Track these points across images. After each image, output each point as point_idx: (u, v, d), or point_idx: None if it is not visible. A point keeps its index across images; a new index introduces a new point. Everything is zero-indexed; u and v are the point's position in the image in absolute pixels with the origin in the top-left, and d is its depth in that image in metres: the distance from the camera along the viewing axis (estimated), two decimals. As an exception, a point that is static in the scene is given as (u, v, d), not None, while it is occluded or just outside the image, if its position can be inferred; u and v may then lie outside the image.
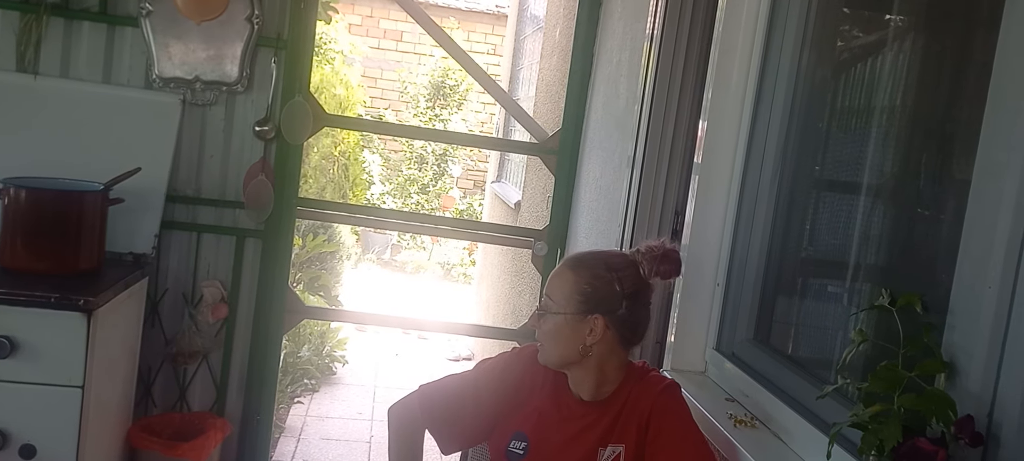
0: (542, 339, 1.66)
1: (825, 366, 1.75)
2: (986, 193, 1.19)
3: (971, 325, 1.18)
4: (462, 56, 3.46)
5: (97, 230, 2.48)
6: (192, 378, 3.02)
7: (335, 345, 5.24)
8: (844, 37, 1.94)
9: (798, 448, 1.64)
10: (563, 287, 1.63)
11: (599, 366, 1.63)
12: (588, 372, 1.63)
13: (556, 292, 1.63)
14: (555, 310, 1.62)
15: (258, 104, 2.94)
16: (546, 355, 1.66)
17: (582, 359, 1.62)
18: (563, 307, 1.61)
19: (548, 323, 1.64)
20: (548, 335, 1.64)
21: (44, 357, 2.22)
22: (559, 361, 1.65)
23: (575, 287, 1.61)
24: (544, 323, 1.65)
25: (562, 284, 1.63)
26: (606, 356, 1.62)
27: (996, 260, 1.15)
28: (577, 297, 1.61)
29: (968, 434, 1.10)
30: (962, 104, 1.42)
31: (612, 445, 1.60)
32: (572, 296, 1.61)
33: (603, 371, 1.63)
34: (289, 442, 4.16)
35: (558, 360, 1.65)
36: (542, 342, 1.66)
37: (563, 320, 1.61)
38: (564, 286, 1.63)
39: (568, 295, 1.61)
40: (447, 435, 1.74)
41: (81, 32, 2.82)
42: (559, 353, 1.63)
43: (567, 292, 1.62)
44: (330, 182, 5.97)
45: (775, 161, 2.00)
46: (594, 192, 2.93)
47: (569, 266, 1.66)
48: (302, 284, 5.06)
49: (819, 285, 1.97)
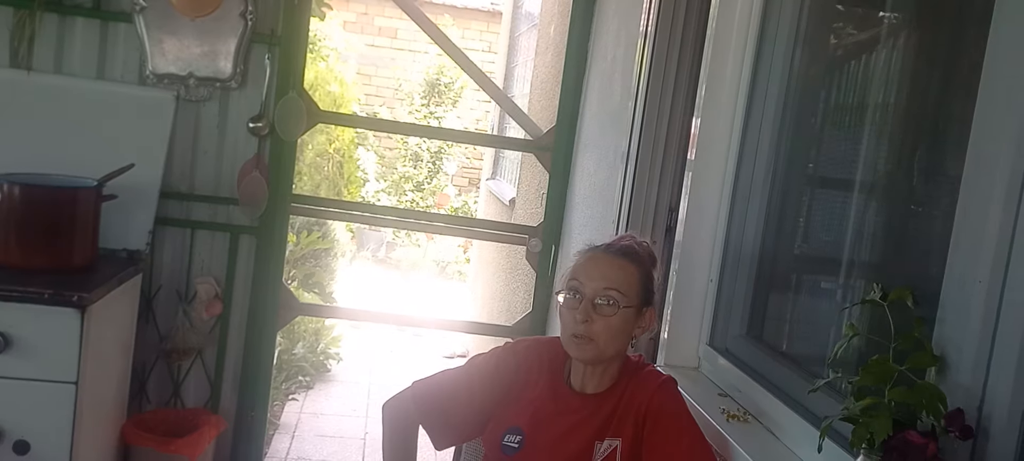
0: (599, 334, 1.58)
1: (818, 361, 1.75)
2: (976, 187, 1.19)
3: (961, 319, 1.19)
4: (457, 53, 3.46)
5: (91, 226, 2.47)
6: (186, 375, 3.02)
7: (330, 342, 5.24)
8: (837, 34, 1.95)
9: (790, 442, 1.64)
10: (629, 280, 1.60)
11: (621, 358, 1.65)
12: (611, 364, 1.64)
13: (624, 284, 1.59)
14: (626, 304, 1.59)
15: (252, 100, 2.93)
16: (600, 351, 1.59)
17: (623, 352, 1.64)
18: (632, 300, 1.60)
19: (619, 318, 1.59)
20: (611, 330, 1.58)
21: (38, 353, 2.22)
22: (614, 354, 1.62)
23: (639, 280, 1.62)
24: (615, 318, 1.58)
25: (627, 277, 1.61)
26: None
27: (986, 254, 1.15)
28: (640, 290, 1.61)
29: (958, 427, 1.11)
30: (954, 100, 1.43)
31: (609, 439, 1.60)
32: (638, 289, 1.61)
33: (617, 355, 1.64)
34: (284, 439, 4.16)
35: (613, 355, 1.62)
36: (597, 338, 1.58)
37: (632, 313, 1.61)
38: (630, 279, 1.61)
39: (635, 288, 1.61)
40: (440, 430, 1.73)
41: (75, 28, 2.82)
42: (616, 348, 1.61)
43: (634, 285, 1.61)
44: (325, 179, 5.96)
45: (768, 157, 2.01)
46: (588, 189, 2.94)
47: (627, 258, 1.63)
48: (297, 281, 5.06)
49: (812, 280, 1.97)
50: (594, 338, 1.58)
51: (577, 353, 1.62)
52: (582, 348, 1.60)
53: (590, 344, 1.59)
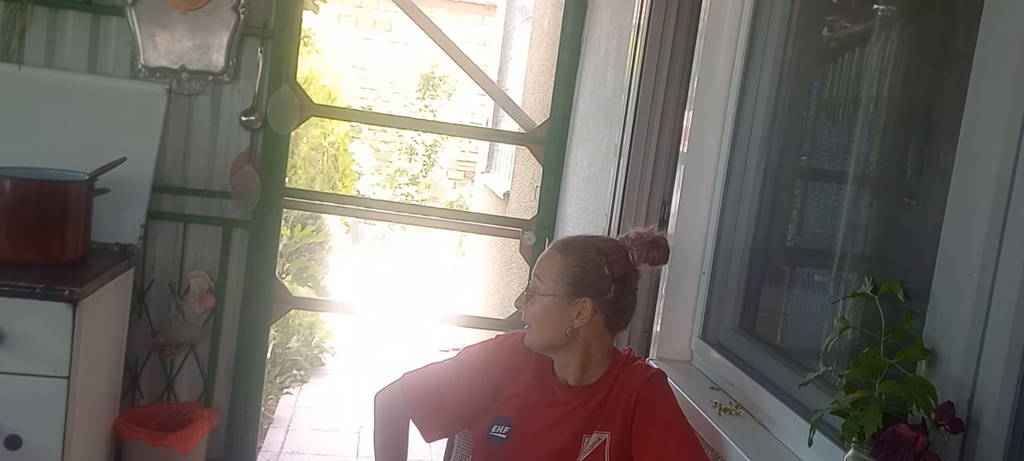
0: (529, 320, 1.65)
1: (810, 354, 1.75)
2: (967, 181, 1.19)
3: (952, 312, 1.19)
4: (451, 47, 3.45)
5: (82, 220, 2.47)
6: (179, 369, 3.02)
7: (324, 336, 5.23)
8: (829, 26, 1.95)
9: (782, 435, 1.65)
10: (552, 269, 1.63)
11: (585, 349, 1.64)
12: (573, 355, 1.64)
13: (545, 274, 1.64)
14: (544, 292, 1.62)
15: (245, 94, 2.93)
16: (533, 337, 1.66)
17: (568, 342, 1.62)
18: (552, 289, 1.61)
19: (536, 304, 1.63)
20: (536, 317, 1.64)
21: (29, 348, 2.21)
22: (545, 344, 1.65)
23: (564, 269, 1.61)
24: (532, 305, 1.64)
25: (551, 266, 1.63)
26: (592, 340, 1.63)
27: (976, 247, 1.15)
28: (566, 279, 1.61)
29: (948, 420, 1.11)
30: (946, 93, 1.42)
31: (597, 432, 1.60)
32: (561, 278, 1.61)
33: (589, 354, 1.64)
34: (278, 433, 4.15)
35: (544, 343, 1.65)
36: (529, 324, 1.66)
37: (551, 302, 1.61)
38: (553, 268, 1.63)
39: (557, 277, 1.62)
40: (429, 422, 1.74)
41: (66, 22, 2.81)
42: (546, 335, 1.64)
43: (556, 274, 1.62)
44: (320, 173, 5.95)
45: (760, 150, 2.01)
46: (582, 182, 2.94)
47: (559, 249, 1.66)
48: (291, 275, 5.05)
49: (804, 274, 1.97)
50: (528, 323, 1.67)
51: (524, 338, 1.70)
52: (526, 334, 1.69)
53: (528, 329, 1.67)
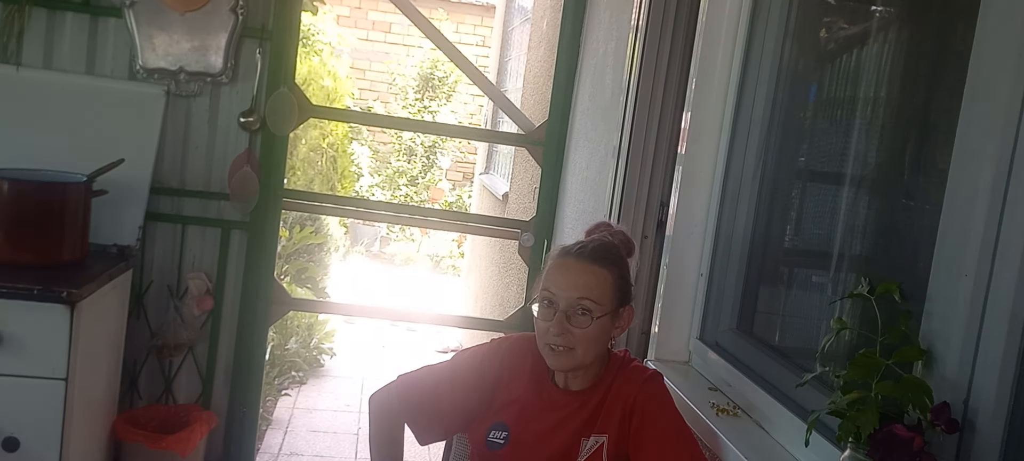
0: (579, 343, 1.56)
1: (808, 355, 1.75)
2: (963, 182, 1.19)
3: (948, 313, 1.19)
4: (450, 48, 3.46)
5: (80, 222, 2.46)
6: (177, 370, 3.01)
7: (323, 337, 5.23)
8: (826, 28, 1.95)
9: (779, 436, 1.65)
10: (602, 286, 1.58)
11: (602, 355, 1.64)
12: (593, 363, 1.63)
13: (595, 292, 1.57)
14: (600, 313, 1.57)
15: (243, 95, 2.92)
16: (580, 360, 1.58)
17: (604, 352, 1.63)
18: (608, 306, 1.58)
19: (595, 327, 1.56)
20: (589, 339, 1.56)
21: (27, 349, 2.21)
22: (594, 362, 1.61)
23: (613, 284, 1.59)
24: (591, 328, 1.56)
25: (600, 283, 1.58)
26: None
27: (973, 248, 1.15)
28: (615, 293, 1.59)
29: (944, 421, 1.11)
30: (942, 94, 1.43)
31: (595, 435, 1.60)
32: (613, 293, 1.59)
33: (598, 358, 1.63)
34: (276, 434, 4.15)
35: (593, 361, 1.61)
36: (576, 347, 1.57)
37: (608, 319, 1.58)
38: (603, 285, 1.58)
39: (611, 293, 1.58)
40: (424, 426, 1.72)
41: (64, 23, 2.80)
42: (595, 354, 1.60)
43: (608, 290, 1.58)
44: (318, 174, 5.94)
45: (758, 151, 2.01)
46: (580, 183, 2.94)
47: (598, 262, 1.60)
48: (289, 276, 5.05)
49: (802, 275, 1.98)
50: (573, 347, 1.57)
51: (555, 363, 1.61)
52: (560, 358, 1.59)
53: (569, 353, 1.57)
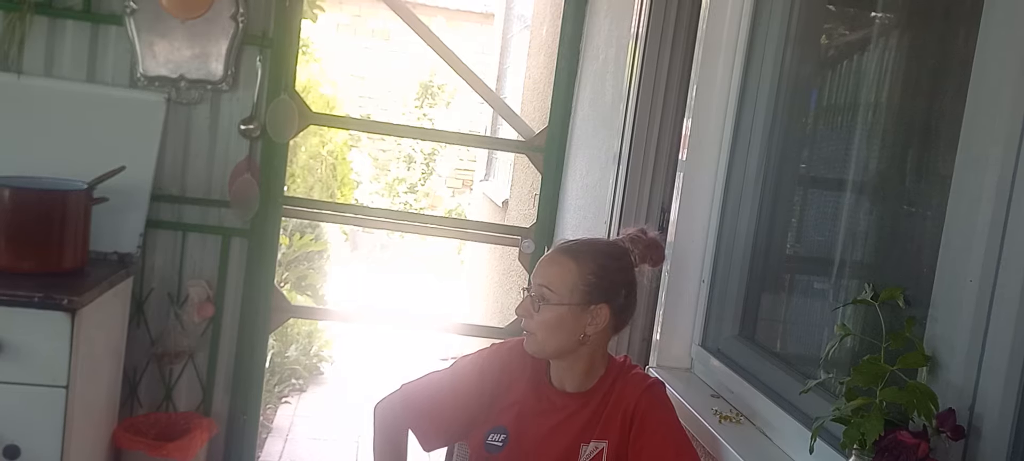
0: (536, 329, 1.60)
1: (811, 362, 1.75)
2: (967, 187, 1.19)
3: (953, 318, 1.19)
4: (449, 55, 3.46)
5: (81, 229, 2.46)
6: (178, 378, 3.01)
7: (323, 345, 5.23)
8: (827, 34, 1.95)
9: (783, 443, 1.64)
10: (565, 277, 1.58)
11: (590, 355, 1.62)
12: (578, 361, 1.62)
13: (556, 282, 1.58)
14: (556, 301, 1.58)
15: (243, 102, 2.92)
16: (540, 345, 1.61)
17: (577, 349, 1.60)
18: (566, 297, 1.57)
19: (548, 314, 1.58)
20: (546, 326, 1.59)
21: (28, 357, 2.20)
22: (555, 352, 1.62)
23: (580, 277, 1.58)
24: (542, 314, 1.59)
25: (564, 274, 1.58)
26: (598, 344, 1.62)
27: (977, 253, 1.15)
28: (582, 287, 1.58)
29: (950, 427, 1.11)
30: (945, 99, 1.43)
31: (595, 441, 1.59)
32: (577, 286, 1.58)
33: (592, 359, 1.63)
34: (277, 442, 4.15)
35: (554, 351, 1.62)
36: (535, 332, 1.60)
37: (566, 311, 1.58)
38: (567, 276, 1.58)
39: (572, 285, 1.58)
40: (428, 432, 1.72)
41: (65, 31, 2.80)
42: (557, 344, 1.60)
43: (571, 282, 1.58)
44: (318, 181, 5.95)
45: (759, 158, 2.01)
46: (580, 189, 2.93)
47: (569, 255, 1.61)
48: (289, 283, 5.05)
49: (804, 281, 1.97)
50: (534, 332, 1.62)
51: (525, 345, 1.66)
52: (527, 341, 1.64)
53: (531, 337, 1.63)
